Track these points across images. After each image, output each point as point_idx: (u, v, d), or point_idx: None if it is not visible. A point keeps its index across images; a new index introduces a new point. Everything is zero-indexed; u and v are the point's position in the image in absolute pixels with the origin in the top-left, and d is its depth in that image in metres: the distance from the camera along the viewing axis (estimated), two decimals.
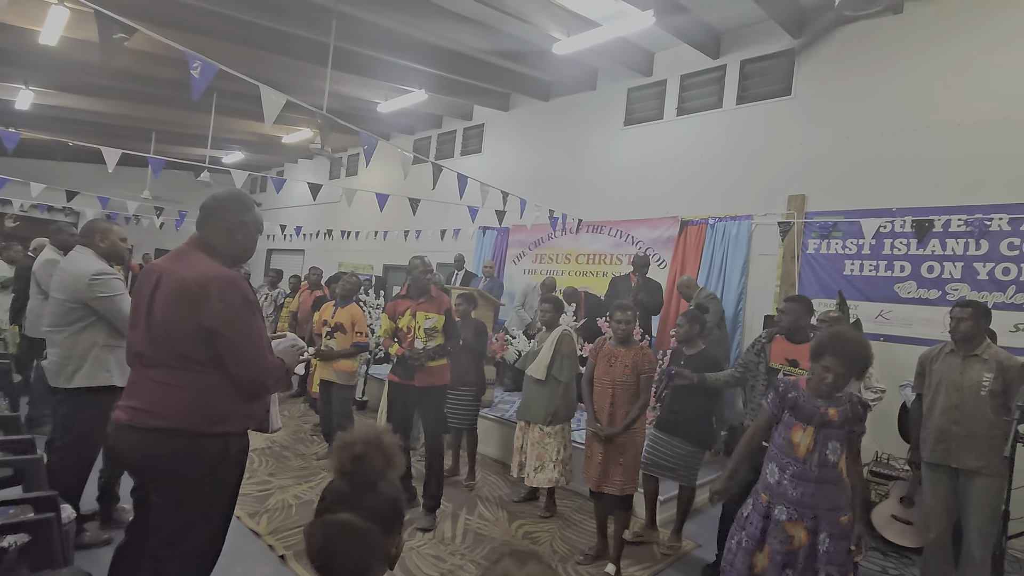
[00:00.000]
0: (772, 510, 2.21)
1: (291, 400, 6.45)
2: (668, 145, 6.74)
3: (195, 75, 2.79)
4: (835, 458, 2.16)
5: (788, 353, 3.03)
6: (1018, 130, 4.41)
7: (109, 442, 1.83)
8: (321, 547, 1.01)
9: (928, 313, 4.71)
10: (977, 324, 2.95)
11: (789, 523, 2.15)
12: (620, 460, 3.01)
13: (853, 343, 2.18)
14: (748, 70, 6.14)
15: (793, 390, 2.27)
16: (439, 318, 3.52)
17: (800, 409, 2.21)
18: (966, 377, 2.94)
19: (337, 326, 4.39)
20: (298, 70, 7.20)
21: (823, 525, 2.13)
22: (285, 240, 11.85)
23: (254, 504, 3.54)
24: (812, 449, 2.17)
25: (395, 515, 1.08)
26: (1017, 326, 4.28)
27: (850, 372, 2.16)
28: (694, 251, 6.27)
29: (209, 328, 1.68)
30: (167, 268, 1.77)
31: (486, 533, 3.44)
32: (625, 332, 3.17)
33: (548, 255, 7.92)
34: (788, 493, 2.17)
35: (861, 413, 2.19)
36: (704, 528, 3.85)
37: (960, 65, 4.74)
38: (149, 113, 9.29)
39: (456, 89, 7.99)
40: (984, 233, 4.51)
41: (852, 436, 2.19)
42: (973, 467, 2.86)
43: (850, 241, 5.22)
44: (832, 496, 2.15)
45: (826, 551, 2.11)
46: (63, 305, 2.60)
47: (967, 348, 2.98)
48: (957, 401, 2.94)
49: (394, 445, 1.13)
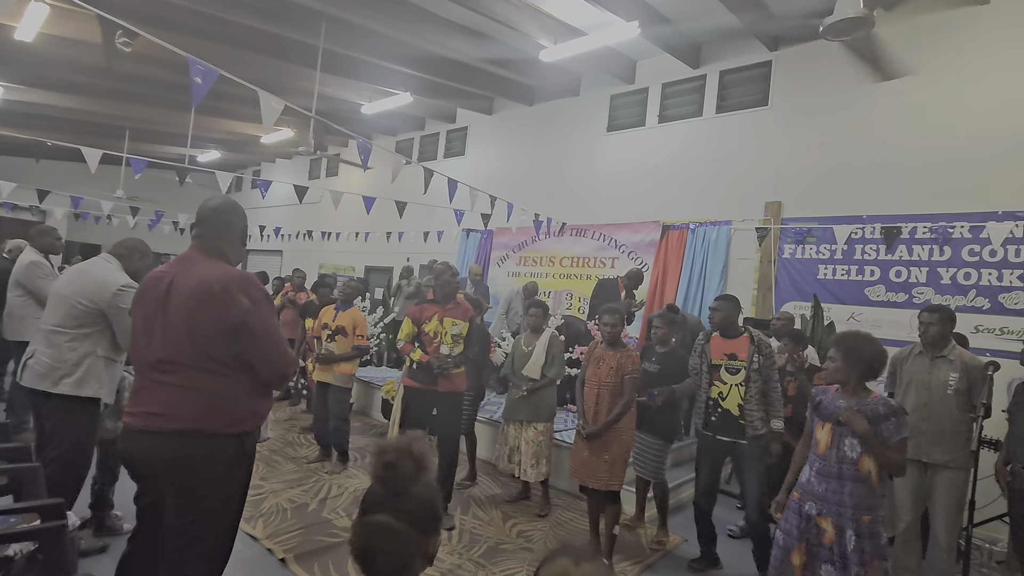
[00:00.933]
0: (803, 506, 2.31)
1: (275, 403, 6.40)
2: (650, 151, 6.92)
3: (197, 80, 2.79)
4: (854, 455, 2.22)
5: (726, 348, 3.24)
6: (979, 143, 4.70)
7: (122, 449, 1.84)
8: (361, 546, 1.09)
9: (896, 315, 4.96)
10: (944, 328, 3.16)
11: (820, 517, 2.26)
12: (605, 456, 3.13)
13: (854, 339, 2.34)
14: (727, 80, 6.36)
15: (822, 395, 2.42)
16: (464, 325, 3.59)
17: (822, 408, 2.37)
18: (934, 377, 3.14)
19: (338, 329, 4.41)
20: (283, 71, 7.16)
21: (847, 523, 2.20)
22: (263, 241, 11.69)
23: (248, 509, 3.48)
24: (830, 445, 2.28)
25: (431, 516, 1.14)
26: (977, 327, 4.55)
27: (850, 367, 2.29)
28: (675, 255, 6.46)
29: (236, 324, 1.73)
30: (179, 272, 1.80)
31: (481, 533, 3.52)
32: (613, 334, 3.29)
33: (532, 257, 8.02)
34: (815, 489, 2.29)
35: (883, 413, 2.21)
36: (687, 522, 4.00)
37: (926, 81, 5.02)
38: (123, 111, 9.07)
39: (440, 92, 8.04)
40: (947, 240, 4.79)
41: (879, 435, 2.20)
42: (940, 461, 3.07)
43: (824, 246, 5.46)
44: (855, 495, 2.21)
45: (854, 550, 2.17)
46: (77, 307, 2.58)
47: (935, 350, 3.18)
48: (926, 399, 3.14)
49: (425, 451, 1.19)
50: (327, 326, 4.46)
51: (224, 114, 9.08)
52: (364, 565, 1.09)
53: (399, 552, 1.07)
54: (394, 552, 1.07)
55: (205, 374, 1.75)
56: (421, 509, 1.12)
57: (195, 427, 1.74)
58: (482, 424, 4.99)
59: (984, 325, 4.55)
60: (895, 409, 2.22)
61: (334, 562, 2.95)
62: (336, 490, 3.99)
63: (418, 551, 1.09)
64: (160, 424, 1.73)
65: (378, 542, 1.07)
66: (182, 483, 1.77)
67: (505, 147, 8.73)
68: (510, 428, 3.94)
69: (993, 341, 4.46)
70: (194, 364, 1.75)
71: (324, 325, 4.49)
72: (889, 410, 2.21)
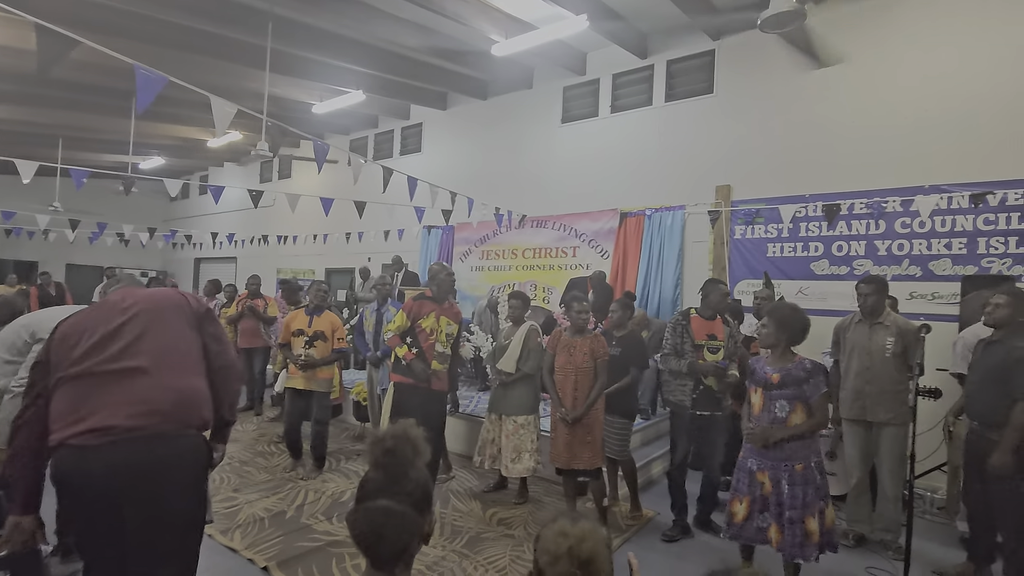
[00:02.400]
0: (747, 463, 2.64)
1: (244, 413, 6.26)
2: (605, 141, 7.07)
3: (140, 86, 2.71)
4: (784, 415, 2.55)
5: (707, 330, 3.47)
6: (906, 122, 5.04)
7: (71, 471, 1.62)
8: (365, 531, 1.13)
9: (840, 288, 5.28)
10: (880, 297, 3.41)
11: (758, 472, 2.58)
12: (588, 439, 3.26)
13: (785, 310, 2.68)
14: (674, 70, 6.56)
15: (756, 363, 2.73)
16: (456, 327, 3.70)
17: (755, 375, 2.68)
18: (873, 342, 3.40)
19: (317, 334, 4.36)
20: (229, 72, 6.94)
21: (781, 474, 2.52)
22: (215, 248, 11.31)
23: (224, 521, 3.48)
24: (763, 408, 2.59)
25: (426, 497, 1.21)
26: (912, 294, 4.91)
27: (780, 332, 2.60)
28: (634, 241, 6.64)
29: (202, 320, 1.92)
30: (134, 292, 1.93)
31: (462, 524, 3.58)
32: (583, 321, 3.42)
33: (494, 251, 8.08)
34: (753, 448, 2.61)
35: (803, 376, 2.54)
36: (658, 498, 4.19)
37: (858, 66, 5.33)
38: (56, 118, 8.58)
39: (393, 89, 7.96)
40: (882, 214, 5.12)
41: (803, 396, 2.54)
42: (884, 419, 3.33)
43: (771, 226, 5.74)
44: (786, 448, 2.53)
45: (789, 495, 2.49)
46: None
47: (873, 318, 3.44)
48: (868, 363, 3.39)
49: (420, 436, 1.26)
50: (303, 332, 4.39)
51: (167, 118, 8.71)
52: (368, 550, 1.14)
53: (403, 534, 1.13)
54: (398, 534, 1.13)
55: (179, 375, 1.78)
56: (419, 490, 1.19)
57: (175, 428, 1.72)
58: (457, 419, 5.04)
59: (917, 292, 4.91)
60: (814, 370, 2.54)
61: (318, 565, 2.96)
62: (313, 495, 3.97)
63: (417, 531, 1.16)
64: (149, 422, 1.66)
65: (383, 525, 1.12)
66: (168, 486, 1.68)
67: (461, 142, 8.73)
68: (488, 421, 4.02)
69: (926, 306, 4.82)
70: (169, 365, 1.76)
71: (299, 331, 4.41)
72: (809, 373, 2.53)
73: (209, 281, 6.99)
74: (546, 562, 0.99)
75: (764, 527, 2.56)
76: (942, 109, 4.89)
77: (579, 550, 0.97)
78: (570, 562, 0.97)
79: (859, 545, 3.43)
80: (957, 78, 4.84)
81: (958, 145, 4.81)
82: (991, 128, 4.67)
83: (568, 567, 0.96)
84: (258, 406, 6.25)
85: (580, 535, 0.99)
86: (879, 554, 3.33)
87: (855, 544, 3.43)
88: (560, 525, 1.02)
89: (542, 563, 1.01)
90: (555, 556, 0.98)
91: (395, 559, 1.13)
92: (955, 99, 4.83)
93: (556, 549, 0.98)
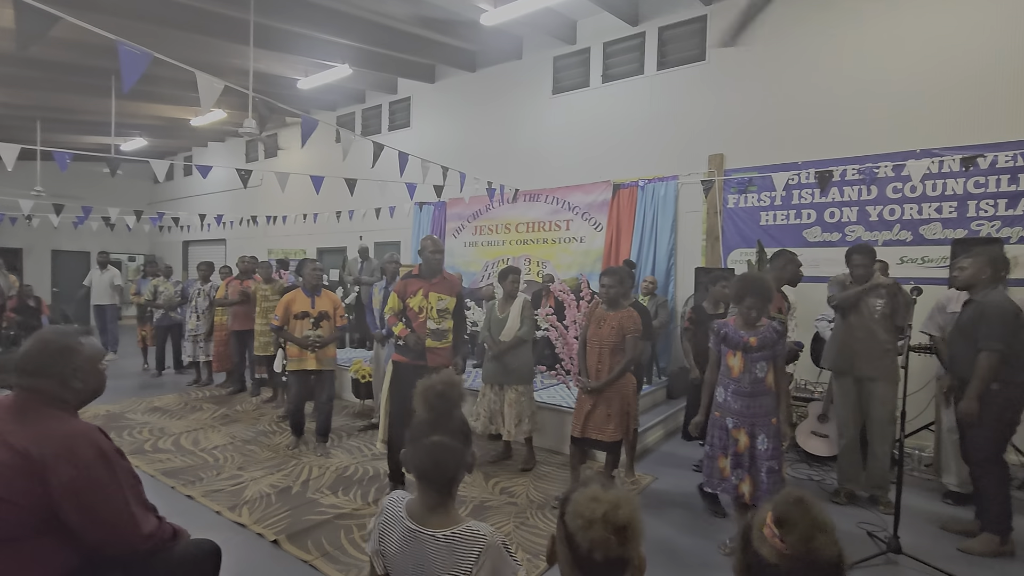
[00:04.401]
0: (724, 421, 2.80)
1: (237, 396, 6.30)
2: (596, 112, 7.00)
3: (125, 64, 2.64)
4: (762, 375, 2.74)
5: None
6: (898, 87, 5.02)
7: None
8: (424, 462, 1.32)
9: (831, 254, 5.33)
10: (870, 267, 3.47)
11: (734, 430, 2.76)
12: (608, 412, 3.30)
13: (760, 282, 2.79)
14: (665, 36, 6.46)
15: (724, 327, 2.85)
16: (451, 300, 3.57)
17: (730, 339, 2.81)
18: (865, 303, 3.47)
19: (322, 315, 4.39)
20: (212, 48, 6.75)
21: (759, 429, 2.72)
22: (203, 230, 11.17)
23: (230, 499, 3.53)
24: (744, 370, 2.75)
25: (467, 434, 1.41)
26: (902, 258, 4.97)
27: (764, 303, 2.76)
28: (627, 213, 6.64)
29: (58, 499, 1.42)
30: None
31: (465, 493, 3.66)
32: (609, 295, 3.39)
33: (487, 226, 8.05)
34: (732, 406, 2.79)
35: (775, 337, 2.74)
36: (656, 464, 4.30)
37: (848, 32, 5.28)
38: (33, 99, 8.35)
39: (379, 62, 7.79)
40: (873, 180, 5.14)
41: (775, 355, 2.76)
42: (870, 374, 3.44)
43: (764, 194, 5.75)
44: (765, 405, 2.74)
45: (764, 449, 2.71)
46: None
47: (863, 283, 3.50)
48: (858, 323, 3.48)
49: (460, 381, 1.47)
50: (307, 314, 4.37)
51: (149, 98, 8.49)
52: (425, 478, 1.33)
53: (452, 463, 1.32)
54: (449, 463, 1.32)
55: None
56: (463, 425, 1.40)
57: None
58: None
59: (908, 256, 4.97)
60: (782, 332, 2.78)
61: (327, 537, 3.02)
62: (317, 471, 4.03)
63: (464, 462, 1.35)
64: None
65: (438, 457, 1.31)
66: None
67: (451, 116, 8.60)
68: (489, 392, 4.09)
69: (916, 270, 4.89)
70: None
71: (304, 314, 4.37)
72: (779, 335, 2.75)
73: (202, 263, 6.92)
74: (578, 526, 1.00)
75: (738, 482, 2.75)
76: (934, 74, 4.87)
77: (614, 516, 0.98)
78: (604, 527, 0.98)
79: (851, 503, 3.55)
80: (949, 43, 4.81)
81: (949, 109, 4.81)
82: (982, 91, 4.67)
83: (603, 531, 0.98)
84: (255, 388, 6.27)
85: (615, 500, 1.01)
86: (869, 509, 3.45)
87: (847, 502, 3.55)
88: (592, 491, 1.03)
89: (572, 527, 1.01)
90: (589, 520, 0.99)
91: (448, 485, 1.33)
92: (947, 63, 4.81)
93: (590, 514, 1.00)
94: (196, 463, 4.15)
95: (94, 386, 1.67)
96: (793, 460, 4.31)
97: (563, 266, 7.18)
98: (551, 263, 7.33)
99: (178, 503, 3.49)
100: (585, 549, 0.99)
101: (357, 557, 2.84)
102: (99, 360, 1.69)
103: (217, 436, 4.80)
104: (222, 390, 6.48)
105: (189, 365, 7.02)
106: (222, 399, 6.15)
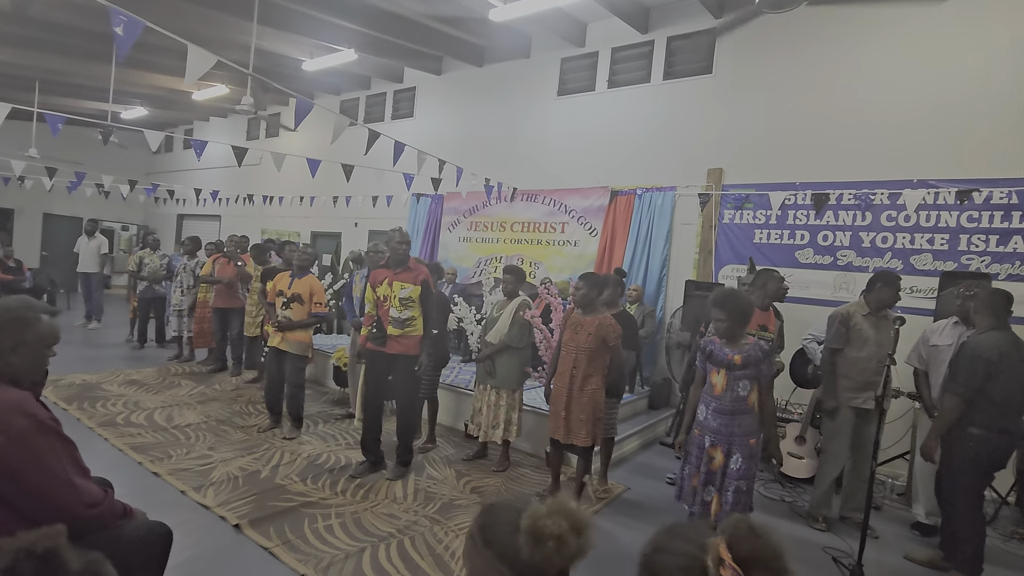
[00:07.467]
0: (703, 439, 2.76)
1: (217, 375, 6.24)
2: (600, 117, 6.97)
3: (119, 32, 2.59)
4: (745, 393, 2.70)
5: (759, 320, 3.58)
6: (898, 116, 5.02)
7: None
8: None
9: (822, 276, 5.34)
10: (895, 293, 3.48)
11: (711, 448, 2.73)
12: (582, 417, 3.29)
13: (732, 298, 2.75)
14: (674, 46, 6.44)
15: (710, 345, 2.81)
16: (415, 288, 3.64)
17: (714, 356, 2.77)
18: (881, 334, 3.46)
19: (294, 296, 4.35)
20: (216, 21, 6.67)
21: (735, 448, 2.68)
22: (199, 205, 11.07)
23: (197, 478, 3.49)
24: (726, 387, 2.70)
25: None
26: None
27: (734, 320, 2.71)
28: (623, 220, 6.62)
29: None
30: None
31: (436, 491, 3.63)
32: (579, 298, 3.37)
33: (483, 223, 8.02)
34: (710, 424, 2.75)
35: (761, 356, 2.69)
36: (631, 474, 4.29)
37: (853, 57, 5.27)
38: (32, 60, 8.22)
39: (386, 50, 7.72)
40: (869, 206, 5.14)
41: (759, 374, 2.70)
42: (870, 406, 3.41)
43: (760, 212, 5.75)
44: (744, 424, 2.70)
45: (736, 468, 2.67)
46: None
47: (880, 311, 3.49)
48: (879, 354, 3.42)
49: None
50: (282, 293, 4.39)
51: (150, 67, 8.39)
52: None
53: None
54: None
55: None
56: None
57: None
58: (445, 390, 5.02)
59: None
60: (768, 352, 2.71)
61: (290, 525, 2.99)
62: (289, 456, 3.99)
63: None
64: None
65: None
66: None
67: (455, 109, 8.55)
68: (478, 391, 4.09)
69: (904, 299, 4.86)
70: None
71: (279, 292, 4.42)
72: (765, 354, 2.69)
73: (188, 238, 6.85)
74: (533, 541, 0.99)
75: (708, 500, 2.73)
76: (935, 106, 4.87)
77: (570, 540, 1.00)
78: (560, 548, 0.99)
79: (830, 529, 3.52)
80: (949, 76, 4.81)
81: (947, 142, 4.81)
82: (980, 126, 4.68)
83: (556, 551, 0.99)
84: (236, 367, 6.22)
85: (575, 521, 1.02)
86: (841, 536, 3.44)
87: (827, 529, 3.52)
88: (560, 500, 1.03)
89: (527, 549, 1.00)
90: (550, 536, 0.99)
91: None
92: (946, 96, 4.82)
93: (550, 531, 0.99)
94: (167, 440, 4.10)
95: (31, 367, 1.58)
96: (767, 480, 4.31)
97: (556, 268, 7.16)
98: (544, 264, 7.30)
99: (144, 479, 3.44)
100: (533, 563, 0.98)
101: (318, 547, 2.80)
102: (49, 344, 1.61)
103: (192, 414, 4.75)
104: (203, 367, 6.42)
105: (172, 340, 6.96)
106: (201, 376, 6.09)
